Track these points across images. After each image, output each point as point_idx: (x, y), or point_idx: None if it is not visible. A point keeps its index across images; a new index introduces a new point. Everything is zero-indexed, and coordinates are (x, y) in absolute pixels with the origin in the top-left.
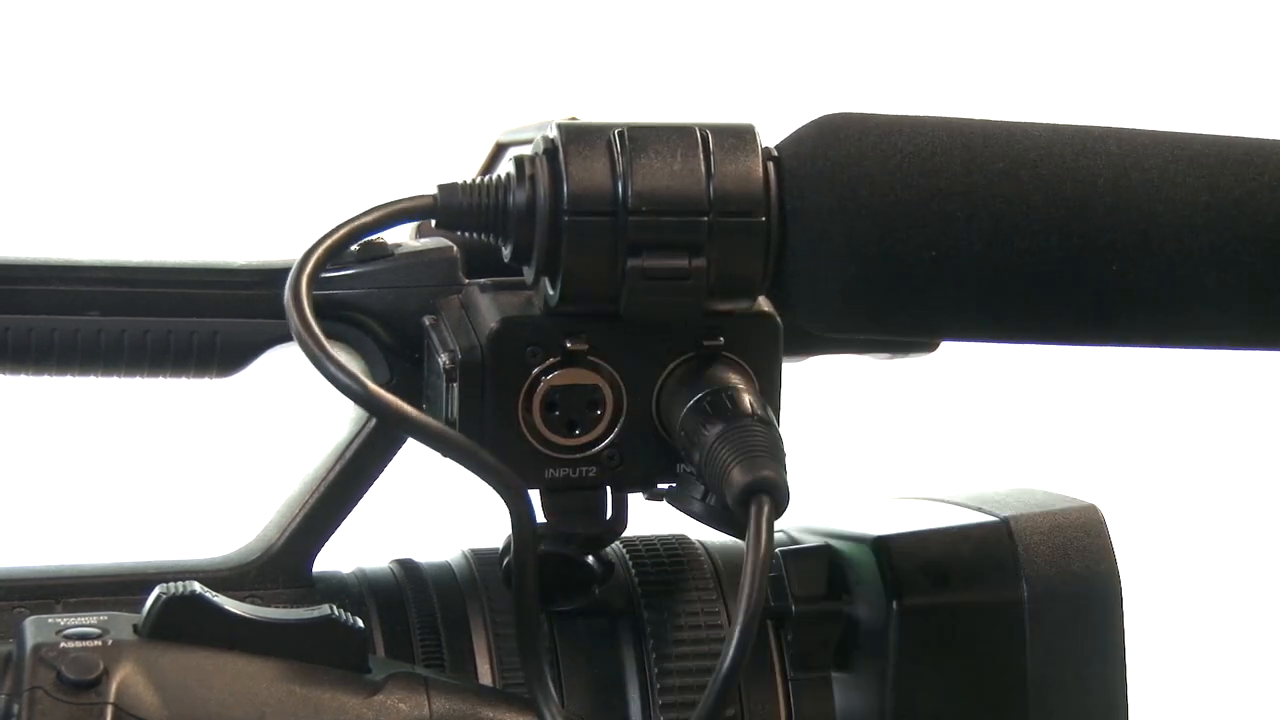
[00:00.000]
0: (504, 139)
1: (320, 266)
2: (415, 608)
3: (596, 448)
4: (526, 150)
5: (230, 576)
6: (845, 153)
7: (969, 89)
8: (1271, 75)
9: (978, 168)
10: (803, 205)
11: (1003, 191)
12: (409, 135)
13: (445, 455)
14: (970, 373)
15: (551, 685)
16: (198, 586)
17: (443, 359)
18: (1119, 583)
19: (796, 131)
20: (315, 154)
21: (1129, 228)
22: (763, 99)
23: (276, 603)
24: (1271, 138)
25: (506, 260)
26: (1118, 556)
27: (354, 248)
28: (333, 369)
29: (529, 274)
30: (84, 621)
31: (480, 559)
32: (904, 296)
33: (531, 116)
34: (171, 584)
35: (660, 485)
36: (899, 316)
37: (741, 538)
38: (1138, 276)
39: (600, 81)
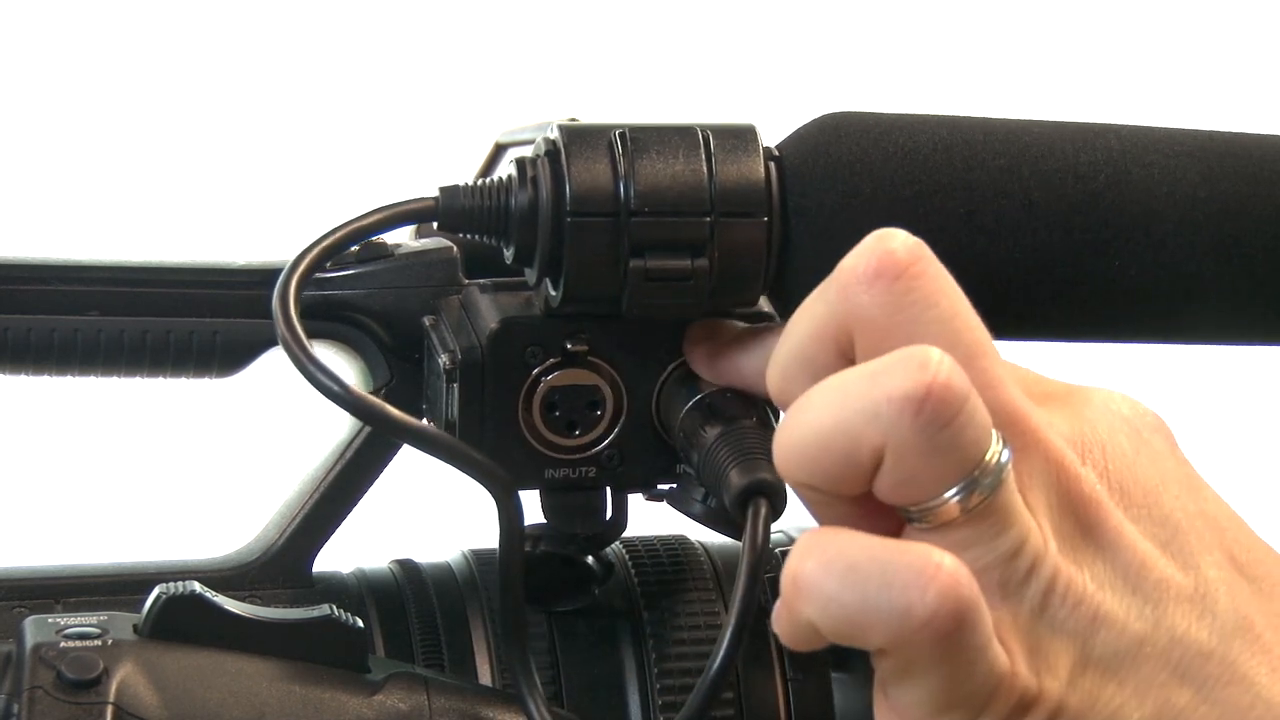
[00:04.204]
0: (504, 140)
1: (311, 270)
2: (415, 608)
3: (596, 448)
4: (527, 151)
5: (230, 576)
6: (846, 151)
7: (969, 88)
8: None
9: (979, 164)
10: (804, 204)
11: (1004, 188)
12: (410, 137)
13: (431, 454)
14: None
15: (539, 683)
16: (198, 586)
17: (443, 359)
18: None
19: (797, 131)
20: (316, 155)
21: (1130, 223)
22: (763, 99)
23: (276, 602)
24: (1271, 133)
25: (509, 262)
26: None
27: (354, 248)
28: (313, 370)
29: (531, 276)
30: (84, 621)
31: (480, 559)
32: None
33: (531, 117)
34: (171, 584)
35: (660, 486)
36: None
37: (740, 539)
38: (1139, 272)
39: (600, 82)
